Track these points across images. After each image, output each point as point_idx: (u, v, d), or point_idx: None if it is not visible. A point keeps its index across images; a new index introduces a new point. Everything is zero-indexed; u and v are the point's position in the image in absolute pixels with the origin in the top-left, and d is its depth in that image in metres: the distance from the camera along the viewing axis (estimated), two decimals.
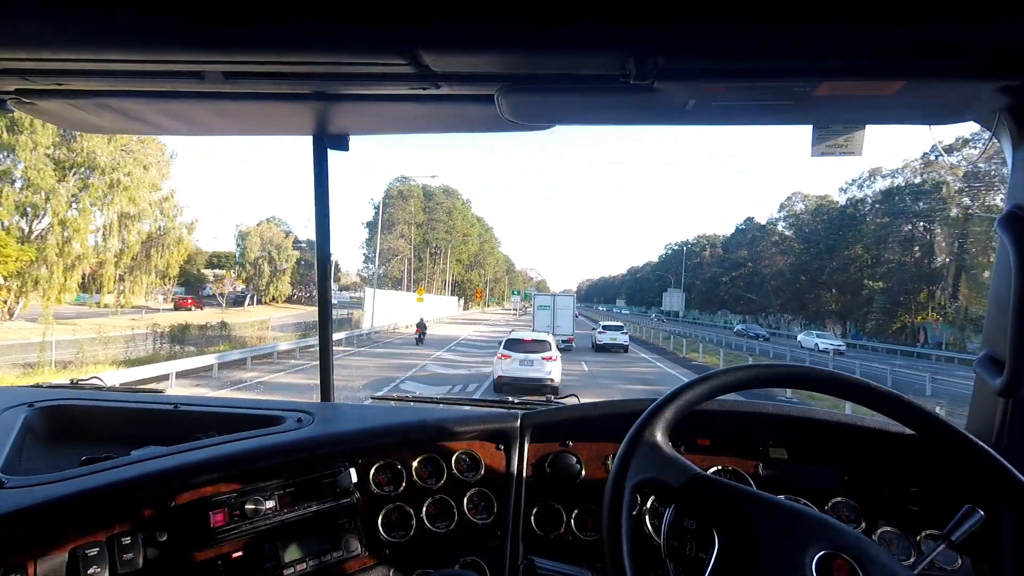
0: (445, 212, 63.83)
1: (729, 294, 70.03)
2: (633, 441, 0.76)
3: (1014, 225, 0.94)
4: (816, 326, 46.10)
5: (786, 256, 55.45)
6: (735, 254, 70.79)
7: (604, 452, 1.29)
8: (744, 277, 64.36)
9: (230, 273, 46.47)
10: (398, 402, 1.71)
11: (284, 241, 47.60)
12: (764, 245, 62.38)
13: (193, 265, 47.32)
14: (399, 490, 1.25)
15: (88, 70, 0.96)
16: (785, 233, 58.64)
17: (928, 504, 1.11)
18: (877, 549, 0.67)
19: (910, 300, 37.95)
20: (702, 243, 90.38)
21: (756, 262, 62.72)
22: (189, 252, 31.27)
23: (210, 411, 1.39)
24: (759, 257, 62.20)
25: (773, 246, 60.09)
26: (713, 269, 77.59)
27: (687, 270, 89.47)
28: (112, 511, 0.95)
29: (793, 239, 55.83)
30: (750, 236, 67.34)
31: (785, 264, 54.45)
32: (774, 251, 58.97)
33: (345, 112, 1.23)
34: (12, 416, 1.26)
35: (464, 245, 67.68)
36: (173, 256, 26.82)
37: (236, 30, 0.81)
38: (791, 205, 62.12)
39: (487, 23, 0.78)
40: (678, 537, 0.80)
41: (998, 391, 0.93)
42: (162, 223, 26.62)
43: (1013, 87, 0.89)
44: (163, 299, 40.54)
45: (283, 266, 46.45)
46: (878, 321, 39.85)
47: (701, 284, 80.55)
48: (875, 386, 0.77)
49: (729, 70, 0.89)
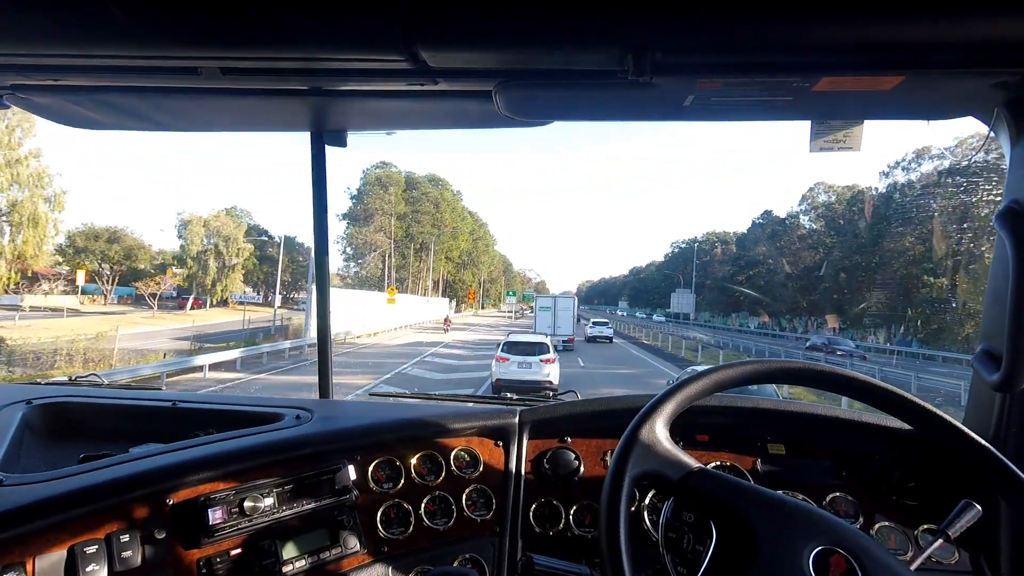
0: (432, 203, 57.16)
1: (745, 294, 63.90)
2: (634, 434, 0.75)
3: (1012, 220, 0.94)
4: (853, 331, 40.18)
5: (815, 251, 49.24)
6: (751, 251, 64.62)
7: (603, 448, 1.30)
8: (763, 275, 58.14)
9: (171, 271, 39.54)
10: (397, 399, 1.73)
11: (235, 232, 40.65)
12: (786, 240, 56.30)
13: (134, 261, 40.81)
14: (398, 487, 1.25)
15: (84, 66, 0.96)
16: (812, 226, 52.48)
17: (926, 499, 1.12)
18: (875, 545, 0.67)
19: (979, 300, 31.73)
20: (711, 240, 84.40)
21: (777, 259, 56.51)
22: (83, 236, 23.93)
23: (209, 408, 1.39)
24: (781, 253, 56.03)
25: (799, 241, 53.98)
26: (727, 267, 71.55)
27: (696, 269, 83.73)
28: (111, 508, 0.94)
29: (823, 232, 49.70)
30: (769, 231, 61.18)
31: (814, 260, 48.24)
32: (799, 246, 52.86)
33: (343, 108, 1.24)
34: (10, 413, 1.26)
35: (454, 240, 61.17)
36: (29, 239, 20.20)
37: (232, 26, 0.82)
38: (813, 197, 56.36)
39: (484, 19, 0.78)
40: (676, 530, 0.80)
41: (995, 386, 0.94)
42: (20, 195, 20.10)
43: (1011, 83, 0.90)
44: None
45: (232, 261, 39.78)
46: (939, 326, 33.49)
47: (712, 284, 74.50)
48: (873, 381, 0.77)
49: (727, 65, 0.89)
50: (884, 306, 37.84)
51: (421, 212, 55.74)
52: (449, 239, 59.15)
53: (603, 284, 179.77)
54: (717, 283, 72.87)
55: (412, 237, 54.33)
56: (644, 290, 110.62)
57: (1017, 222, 0.93)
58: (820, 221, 51.60)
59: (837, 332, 41.70)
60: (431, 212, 56.68)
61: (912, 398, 0.76)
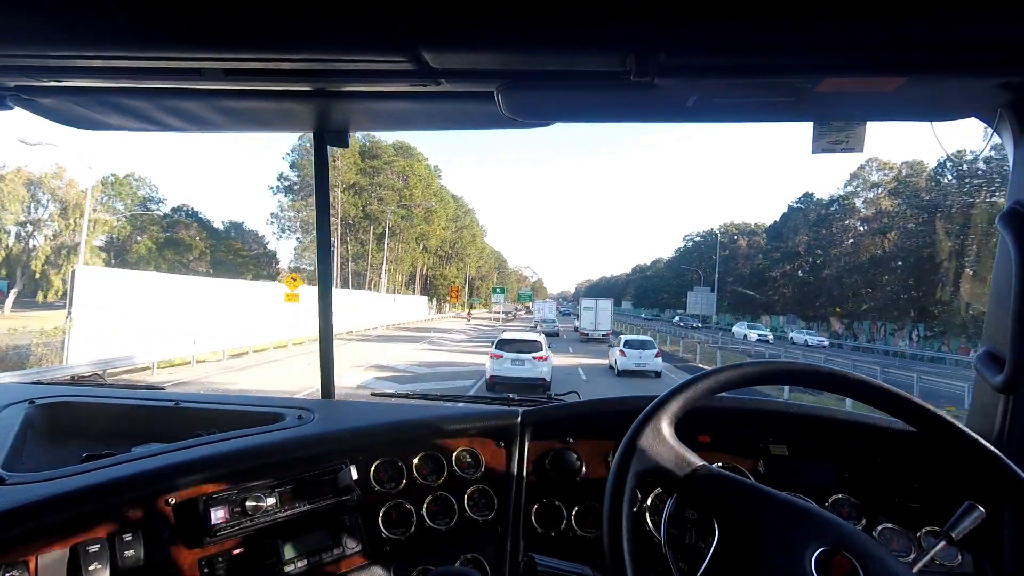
0: (398, 176, 46.12)
1: (781, 293, 53.24)
2: (638, 431, 0.75)
3: (1015, 222, 0.94)
4: (937, 338, 29.72)
5: (887, 236, 38.39)
6: (789, 241, 53.90)
7: (605, 449, 1.29)
8: (812, 269, 47.34)
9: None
10: (398, 399, 1.70)
11: (78, 199, 27.60)
12: (838, 227, 45.62)
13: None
14: (399, 487, 1.25)
15: (88, 67, 0.97)
16: (881, 205, 41.67)
17: (929, 501, 1.11)
18: (877, 546, 0.67)
19: None
20: (731, 232, 73.59)
21: (827, 248, 45.80)
22: None
23: (211, 408, 1.39)
24: (831, 243, 45.36)
25: (862, 224, 43.32)
26: (758, 260, 60.86)
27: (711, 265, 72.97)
28: (113, 508, 0.95)
29: (894, 213, 38.94)
30: (812, 217, 50.45)
31: (890, 245, 37.42)
32: (864, 231, 42.15)
33: (346, 109, 1.25)
34: (13, 413, 1.27)
35: (429, 226, 50.09)
36: None
37: (236, 27, 0.82)
38: (865, 175, 45.94)
39: (488, 20, 0.79)
40: (678, 526, 0.80)
41: (999, 388, 0.94)
42: None
43: (1014, 83, 0.90)
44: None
45: (70, 241, 27.68)
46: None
47: (735, 282, 63.82)
48: (878, 383, 0.77)
49: (730, 67, 0.89)
50: None
51: (384, 187, 44.53)
52: (421, 222, 48.04)
53: (604, 283, 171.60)
54: (742, 280, 62.15)
55: (371, 218, 43.24)
56: (651, 289, 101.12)
57: (1020, 224, 0.93)
58: (890, 200, 40.79)
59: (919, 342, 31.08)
60: (397, 187, 45.45)
61: (915, 400, 0.76)
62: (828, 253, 45.71)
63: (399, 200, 44.67)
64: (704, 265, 72.93)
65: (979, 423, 1.10)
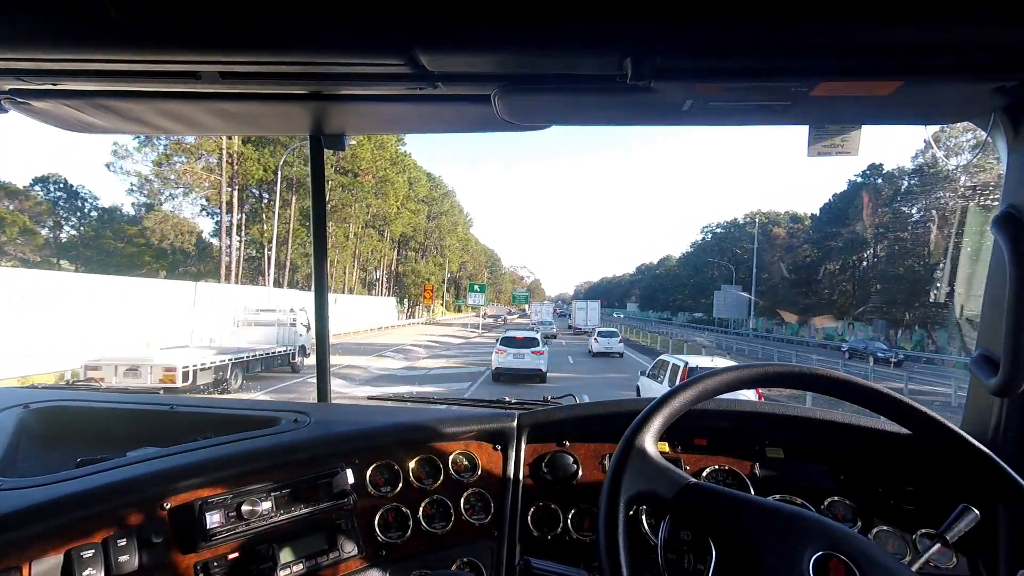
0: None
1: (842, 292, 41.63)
2: (623, 453, 0.75)
3: (1009, 225, 0.95)
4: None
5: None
6: (849, 225, 42.30)
7: (601, 452, 1.30)
8: (894, 258, 35.65)
9: None
10: (395, 402, 1.71)
11: None
12: (931, 200, 34.04)
13: None
14: (396, 491, 1.25)
15: (83, 70, 0.96)
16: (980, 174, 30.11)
17: (924, 503, 1.13)
18: (874, 548, 0.67)
19: None
20: (761, 222, 61.79)
21: (919, 230, 34.18)
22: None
23: (206, 412, 1.39)
24: (925, 222, 33.77)
25: (962, 197, 31.79)
26: (805, 252, 49.22)
27: (736, 260, 61.41)
28: (108, 513, 0.94)
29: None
30: (886, 194, 38.86)
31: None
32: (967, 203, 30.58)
33: (342, 112, 1.24)
34: (7, 417, 1.26)
35: (381, 200, 38.00)
36: None
37: (232, 30, 0.82)
38: (946, 139, 34.64)
39: (484, 23, 0.79)
40: (676, 550, 0.79)
41: (993, 390, 0.94)
42: None
43: (1009, 88, 0.91)
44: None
45: None
46: None
47: (771, 278, 52.22)
48: (870, 385, 0.77)
49: (726, 70, 0.89)
50: None
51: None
52: (370, 195, 36.03)
53: (605, 284, 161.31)
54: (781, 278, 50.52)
55: (291, 184, 31.24)
56: (660, 289, 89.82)
57: (1014, 227, 0.94)
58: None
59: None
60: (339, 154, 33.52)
61: (909, 402, 0.76)
62: (917, 237, 34.09)
63: (338, 168, 32.78)
64: (729, 260, 61.45)
65: (974, 425, 1.11)
